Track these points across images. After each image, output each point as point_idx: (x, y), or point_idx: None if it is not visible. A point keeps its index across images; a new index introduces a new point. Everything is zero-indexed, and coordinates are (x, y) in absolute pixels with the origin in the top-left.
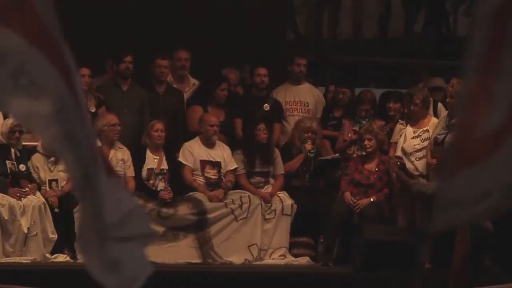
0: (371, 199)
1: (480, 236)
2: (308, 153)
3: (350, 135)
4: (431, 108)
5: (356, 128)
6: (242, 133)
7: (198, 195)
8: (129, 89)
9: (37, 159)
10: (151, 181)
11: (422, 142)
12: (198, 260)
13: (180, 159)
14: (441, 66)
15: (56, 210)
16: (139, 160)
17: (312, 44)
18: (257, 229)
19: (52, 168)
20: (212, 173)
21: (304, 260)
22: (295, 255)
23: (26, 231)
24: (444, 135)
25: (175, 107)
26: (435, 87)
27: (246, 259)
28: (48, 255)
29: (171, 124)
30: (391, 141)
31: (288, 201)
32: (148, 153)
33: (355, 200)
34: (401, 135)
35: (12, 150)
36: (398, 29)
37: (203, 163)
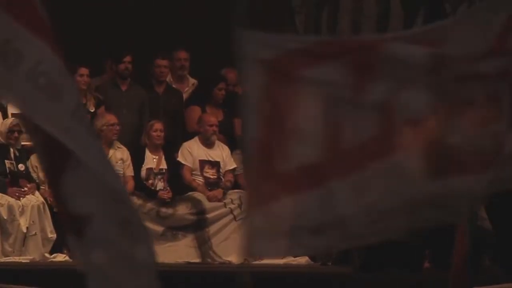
0: None
1: (480, 236)
2: None
3: None
4: None
5: None
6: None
7: (197, 195)
8: (129, 89)
9: (36, 159)
10: (150, 181)
11: None
12: (197, 260)
13: (179, 159)
14: None
15: (55, 209)
16: (138, 160)
17: None
18: None
19: None
20: (211, 173)
21: (303, 260)
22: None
23: (25, 231)
24: None
25: (175, 107)
26: None
27: (245, 259)
28: (47, 255)
29: (170, 124)
30: None
31: None
32: (147, 153)
33: None
34: None
35: (11, 149)
36: (397, 29)
37: (202, 163)
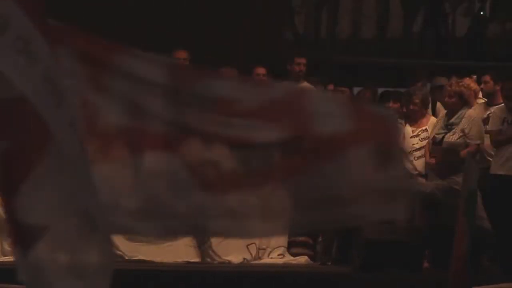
0: None
1: (479, 236)
2: None
3: None
4: (430, 108)
5: None
6: None
7: None
8: None
9: None
10: None
11: (421, 141)
12: (196, 259)
13: None
14: (440, 66)
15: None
16: None
17: (311, 44)
18: None
19: None
20: None
21: (302, 260)
22: (294, 254)
23: None
24: (443, 135)
25: None
26: (438, 86)
27: (244, 258)
28: None
29: None
30: None
31: None
32: None
33: None
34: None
35: None
36: (397, 29)
37: None
